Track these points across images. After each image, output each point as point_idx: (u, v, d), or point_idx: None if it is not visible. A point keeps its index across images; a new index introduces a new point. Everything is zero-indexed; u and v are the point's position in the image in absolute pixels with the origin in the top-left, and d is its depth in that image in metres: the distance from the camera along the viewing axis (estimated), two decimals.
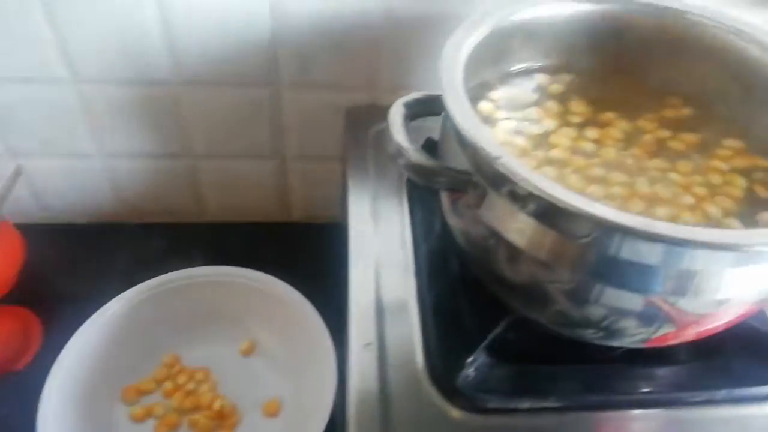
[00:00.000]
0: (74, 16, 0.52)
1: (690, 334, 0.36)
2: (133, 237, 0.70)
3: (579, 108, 0.44)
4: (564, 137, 0.42)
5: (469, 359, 0.40)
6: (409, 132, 0.38)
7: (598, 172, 0.39)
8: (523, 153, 0.40)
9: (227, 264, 0.63)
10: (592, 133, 0.42)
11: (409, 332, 0.43)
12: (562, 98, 0.45)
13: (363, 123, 0.59)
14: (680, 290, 0.32)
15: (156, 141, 0.63)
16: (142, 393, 0.57)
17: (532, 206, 0.33)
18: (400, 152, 0.36)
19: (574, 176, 0.38)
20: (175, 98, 0.59)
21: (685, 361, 0.42)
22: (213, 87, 0.59)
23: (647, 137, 0.43)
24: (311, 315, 0.57)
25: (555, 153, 0.40)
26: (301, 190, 0.70)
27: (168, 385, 0.58)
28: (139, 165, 0.66)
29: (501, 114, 0.42)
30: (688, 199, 0.38)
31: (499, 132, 0.41)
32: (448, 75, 0.37)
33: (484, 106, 0.42)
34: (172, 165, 0.66)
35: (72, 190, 0.68)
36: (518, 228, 0.34)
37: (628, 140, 0.42)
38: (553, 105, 0.44)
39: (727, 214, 0.38)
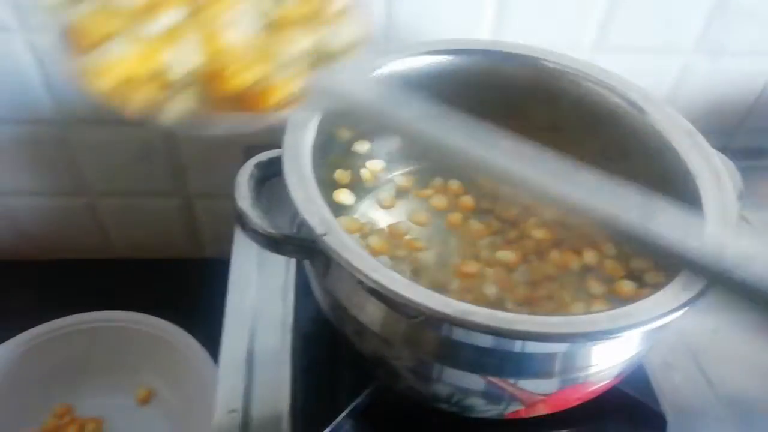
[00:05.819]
0: None
1: (544, 409, 0.34)
2: (36, 274, 0.67)
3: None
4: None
5: (329, 429, 0.38)
6: (263, 194, 0.36)
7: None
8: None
9: (133, 304, 0.61)
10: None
11: (276, 397, 0.41)
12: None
13: None
14: (517, 372, 0.30)
15: (49, 179, 0.61)
16: None
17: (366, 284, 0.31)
18: (241, 219, 0.34)
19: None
20: (62, 138, 0.57)
21: (562, 428, 0.40)
22: (99, 126, 0.56)
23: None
24: (208, 365, 0.55)
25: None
26: (211, 226, 0.68)
27: None
28: (35, 203, 0.63)
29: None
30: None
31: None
32: (293, 134, 0.35)
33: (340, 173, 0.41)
34: (70, 203, 0.63)
35: None
36: (358, 303, 0.32)
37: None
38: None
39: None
